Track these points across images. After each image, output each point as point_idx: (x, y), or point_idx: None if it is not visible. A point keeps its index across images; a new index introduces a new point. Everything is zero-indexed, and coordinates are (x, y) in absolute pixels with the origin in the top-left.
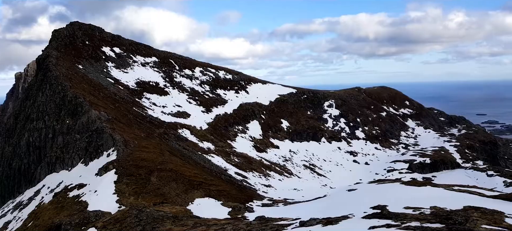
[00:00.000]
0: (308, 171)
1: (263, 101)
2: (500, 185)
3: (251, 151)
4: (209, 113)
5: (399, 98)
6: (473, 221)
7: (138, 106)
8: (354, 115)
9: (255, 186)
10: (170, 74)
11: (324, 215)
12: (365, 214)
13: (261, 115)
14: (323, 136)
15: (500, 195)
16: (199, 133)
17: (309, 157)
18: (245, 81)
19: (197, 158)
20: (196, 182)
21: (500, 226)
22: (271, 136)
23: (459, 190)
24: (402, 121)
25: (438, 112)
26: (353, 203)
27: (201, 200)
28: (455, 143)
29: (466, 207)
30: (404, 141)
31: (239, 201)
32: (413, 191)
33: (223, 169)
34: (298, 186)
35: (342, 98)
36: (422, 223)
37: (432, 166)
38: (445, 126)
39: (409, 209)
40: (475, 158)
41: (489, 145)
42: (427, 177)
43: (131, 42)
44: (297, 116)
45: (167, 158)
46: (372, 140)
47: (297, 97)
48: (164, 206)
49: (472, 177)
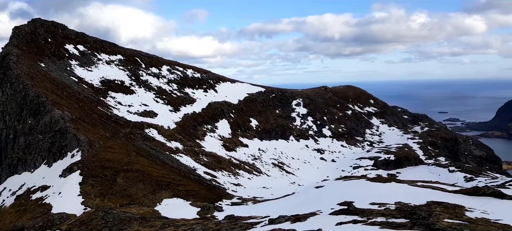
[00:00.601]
0: (277, 169)
1: (232, 100)
2: (461, 180)
3: (220, 150)
4: (177, 113)
5: (364, 97)
6: (436, 215)
7: (103, 106)
8: (321, 113)
9: (224, 185)
10: (136, 72)
11: (293, 212)
12: (332, 210)
13: (230, 114)
14: (292, 134)
15: (461, 190)
16: (166, 133)
17: (278, 155)
18: (213, 80)
19: (165, 158)
20: (164, 182)
21: (461, 219)
22: (240, 135)
23: (423, 185)
24: (367, 119)
25: (401, 111)
26: (320, 200)
27: (169, 201)
28: (418, 140)
29: (429, 202)
30: (369, 138)
31: (208, 201)
32: (378, 187)
33: (192, 169)
34: (267, 184)
35: (309, 97)
36: (387, 218)
37: (396, 163)
38: (409, 124)
39: (375, 204)
40: (437, 154)
41: (451, 142)
42: (392, 173)
43: (96, 40)
44: (266, 115)
45: (134, 158)
46: (338, 138)
47: (266, 96)
48: (131, 207)
49: (434, 172)
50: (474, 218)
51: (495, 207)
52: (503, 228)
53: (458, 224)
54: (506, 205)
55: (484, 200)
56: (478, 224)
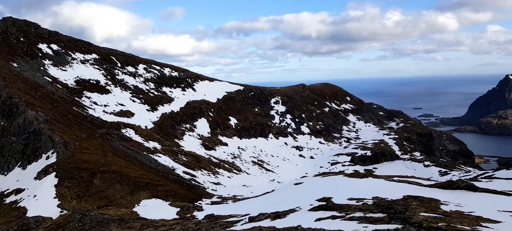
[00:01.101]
0: (257, 167)
1: (211, 99)
2: (435, 175)
3: (200, 149)
4: (155, 112)
5: (340, 94)
6: (412, 209)
7: (78, 106)
8: (299, 111)
9: (204, 185)
10: (111, 71)
11: (273, 210)
12: (311, 206)
13: (209, 113)
14: (271, 132)
15: (436, 184)
16: (144, 132)
17: (257, 153)
18: (192, 79)
19: (142, 158)
20: (142, 183)
21: (437, 213)
22: (219, 134)
23: (399, 180)
24: (344, 116)
25: (377, 107)
26: (300, 196)
27: (148, 201)
28: (394, 136)
29: (405, 197)
30: (346, 135)
31: (187, 201)
32: (356, 183)
33: (171, 169)
34: (247, 182)
35: (287, 95)
36: (365, 213)
37: (373, 158)
38: (384, 120)
39: (353, 200)
40: (412, 149)
41: (425, 137)
42: (369, 169)
43: (70, 39)
44: (245, 113)
45: (111, 159)
46: (316, 135)
47: (245, 94)
48: (109, 209)
49: (410, 167)
50: (449, 211)
51: (469, 199)
52: (476, 220)
53: (433, 218)
54: (478, 197)
55: (458, 193)
56: (453, 217)
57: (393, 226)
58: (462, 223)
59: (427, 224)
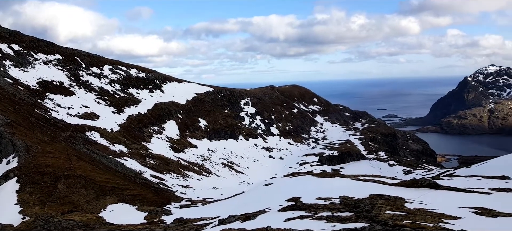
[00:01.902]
0: (227, 169)
1: (180, 101)
2: (400, 174)
3: (168, 152)
4: (121, 114)
5: (308, 96)
6: (378, 208)
7: (41, 108)
8: (269, 112)
9: (172, 188)
10: (76, 73)
11: (243, 211)
12: (280, 207)
13: (177, 115)
14: (241, 134)
15: (400, 182)
16: (109, 135)
17: (227, 154)
18: (160, 80)
19: (108, 162)
20: (108, 187)
21: (401, 211)
22: (188, 136)
23: (365, 179)
24: (312, 117)
25: (343, 108)
26: (269, 197)
27: (115, 206)
28: (360, 136)
29: (371, 195)
30: (314, 135)
31: (156, 204)
32: (323, 183)
33: (138, 172)
34: (217, 184)
35: (257, 96)
36: (333, 212)
37: (340, 158)
38: (350, 121)
39: (321, 199)
40: (377, 149)
41: (390, 137)
42: (336, 169)
43: (32, 39)
44: (215, 115)
45: (75, 163)
46: (285, 136)
47: (215, 96)
48: (74, 215)
49: (375, 167)
50: (413, 209)
51: (431, 197)
52: (439, 216)
53: (398, 215)
54: (441, 195)
55: (422, 191)
56: (417, 214)
57: (360, 225)
58: (426, 220)
59: (392, 222)
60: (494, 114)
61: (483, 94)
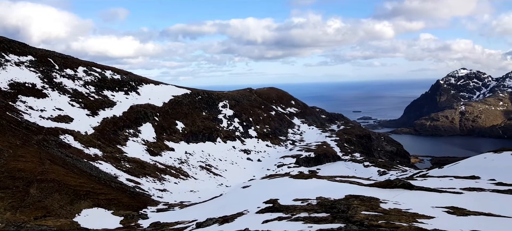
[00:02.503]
0: (205, 172)
1: (156, 103)
2: (375, 174)
3: (144, 155)
4: (95, 117)
5: (286, 98)
6: (354, 208)
7: (12, 111)
8: (247, 115)
9: (149, 192)
10: (49, 74)
11: (221, 214)
12: (258, 209)
13: (154, 117)
14: (219, 136)
15: (375, 183)
16: (84, 138)
17: (205, 157)
18: (135, 82)
19: (82, 166)
20: (82, 191)
21: (376, 211)
22: (165, 138)
23: (341, 180)
24: (289, 119)
25: (320, 111)
26: (247, 199)
27: (89, 211)
28: (336, 138)
29: (347, 196)
30: (291, 137)
31: (132, 209)
32: (300, 184)
33: (113, 176)
34: (195, 187)
35: (235, 98)
36: (310, 213)
37: (316, 160)
38: (326, 123)
39: (298, 200)
40: (353, 150)
41: (365, 139)
42: (313, 170)
43: (3, 40)
44: (193, 117)
45: (48, 167)
46: (263, 138)
47: (192, 98)
48: (47, 220)
49: (351, 168)
50: (388, 209)
51: (405, 197)
52: (413, 216)
53: (373, 216)
54: (414, 195)
55: (396, 191)
56: (391, 214)
57: (336, 225)
58: (400, 220)
59: (368, 222)
60: (465, 116)
61: (454, 97)
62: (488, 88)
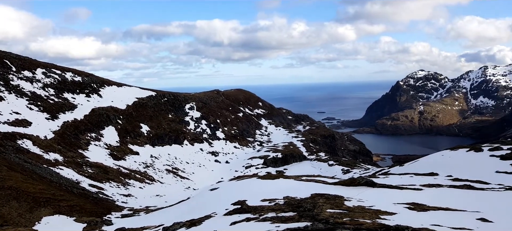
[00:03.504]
0: (171, 175)
1: (120, 106)
2: (339, 173)
3: (107, 160)
4: (55, 121)
5: (253, 100)
6: (320, 206)
7: None
8: (214, 116)
9: (113, 197)
10: (5, 76)
11: (188, 218)
12: (227, 210)
13: (117, 120)
14: (186, 139)
15: (339, 181)
16: (43, 143)
17: (171, 160)
18: (97, 84)
19: (42, 172)
20: (42, 198)
21: (341, 208)
22: (129, 142)
23: (307, 179)
24: (257, 120)
25: (286, 112)
26: (215, 202)
27: (50, 218)
28: (302, 138)
29: (313, 195)
30: (259, 138)
31: (95, 215)
32: (268, 184)
33: (75, 182)
34: (161, 191)
35: (202, 100)
36: (277, 213)
37: (284, 160)
38: (293, 124)
39: (266, 201)
40: (318, 150)
41: (329, 139)
42: (280, 170)
43: None
44: (158, 120)
45: (5, 174)
46: (231, 140)
47: (157, 100)
48: (5, 229)
49: (316, 167)
50: (352, 206)
51: (368, 195)
52: (375, 213)
53: (338, 213)
54: (377, 192)
55: (359, 189)
56: (356, 211)
57: (303, 224)
58: (364, 217)
59: (333, 220)
60: (424, 115)
61: (413, 97)
62: (444, 89)
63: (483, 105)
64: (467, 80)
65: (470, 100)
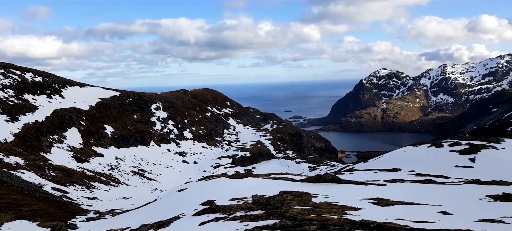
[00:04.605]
0: (138, 177)
1: (83, 106)
2: (306, 170)
3: (71, 162)
4: (16, 123)
5: (221, 99)
6: (288, 204)
7: None
8: (181, 116)
9: (77, 200)
10: None
11: (156, 219)
12: (195, 211)
13: (80, 122)
14: (152, 139)
15: (306, 178)
16: (3, 146)
17: (137, 162)
18: (59, 84)
19: (2, 176)
20: (3, 203)
21: (308, 205)
22: (93, 144)
23: (275, 177)
24: (225, 120)
25: (254, 111)
26: (183, 203)
27: (12, 224)
28: (269, 137)
29: (281, 192)
30: (227, 138)
31: (59, 219)
32: (237, 183)
33: (38, 186)
34: (127, 194)
35: (169, 100)
36: (246, 212)
37: (252, 159)
38: (260, 122)
39: (235, 200)
40: (285, 148)
41: (296, 137)
42: (248, 169)
43: None
44: (123, 120)
45: None
46: (199, 140)
47: (122, 100)
48: None
49: (284, 165)
50: (319, 203)
51: (334, 191)
52: (341, 208)
53: (306, 210)
54: (343, 188)
55: (326, 186)
56: (322, 208)
57: (271, 221)
58: (330, 213)
59: (301, 217)
60: (386, 113)
61: (376, 95)
62: (406, 87)
63: (443, 102)
64: (427, 78)
65: (430, 97)
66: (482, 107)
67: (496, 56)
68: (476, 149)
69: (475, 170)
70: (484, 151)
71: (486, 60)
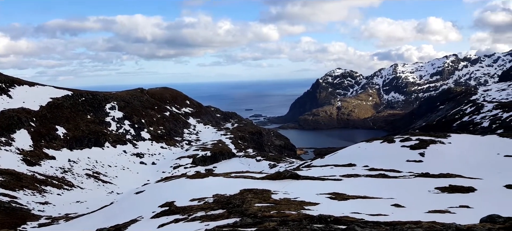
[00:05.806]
0: (92, 180)
1: (32, 107)
2: (266, 168)
3: (20, 166)
4: None
5: (180, 98)
6: (248, 201)
7: None
8: (138, 116)
9: (28, 206)
10: None
11: (112, 223)
12: (154, 213)
13: (30, 123)
14: (107, 140)
15: (266, 176)
16: None
17: (92, 164)
18: (6, 84)
19: None
20: None
21: (268, 202)
22: (44, 146)
23: (236, 176)
24: (185, 119)
25: (214, 110)
26: (141, 205)
27: None
28: (230, 136)
29: (242, 191)
30: (187, 137)
31: (8, 226)
32: (197, 183)
33: None
34: (82, 197)
35: (125, 100)
36: (207, 212)
37: (213, 158)
38: (221, 121)
39: (195, 200)
40: (246, 147)
41: (256, 135)
42: (209, 168)
43: None
44: (76, 121)
45: None
46: (157, 140)
47: (74, 100)
48: None
49: (245, 163)
50: (279, 199)
51: (293, 187)
52: (300, 204)
53: (266, 207)
54: (301, 184)
55: (285, 182)
56: (282, 204)
57: (232, 220)
58: (290, 209)
59: (261, 214)
60: (341, 111)
61: (332, 93)
62: (360, 86)
63: (394, 100)
64: (379, 77)
65: (382, 95)
66: (430, 105)
67: (443, 56)
68: (425, 144)
69: (425, 164)
70: (432, 145)
71: (434, 60)
